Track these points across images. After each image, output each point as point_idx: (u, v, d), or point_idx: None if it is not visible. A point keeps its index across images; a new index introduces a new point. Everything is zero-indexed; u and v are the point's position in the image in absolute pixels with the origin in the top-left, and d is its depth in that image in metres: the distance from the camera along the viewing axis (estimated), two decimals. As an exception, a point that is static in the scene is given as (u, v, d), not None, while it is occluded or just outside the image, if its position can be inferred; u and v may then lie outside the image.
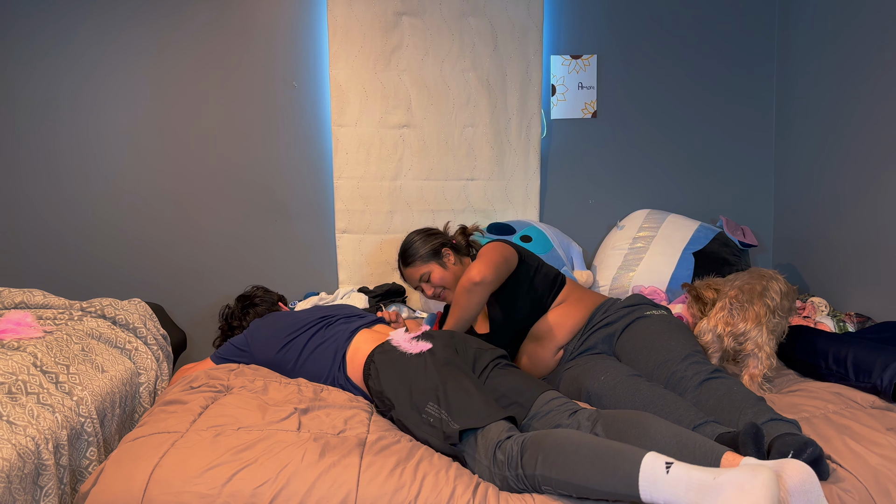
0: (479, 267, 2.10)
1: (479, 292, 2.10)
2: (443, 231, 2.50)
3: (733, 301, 2.10)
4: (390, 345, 1.95)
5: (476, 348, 1.98)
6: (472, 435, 1.62)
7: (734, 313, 2.08)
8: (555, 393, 1.82)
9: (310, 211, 3.15)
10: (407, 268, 2.42)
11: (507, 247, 2.22)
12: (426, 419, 1.71)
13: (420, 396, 1.75)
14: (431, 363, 1.81)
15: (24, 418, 1.69)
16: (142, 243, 3.12)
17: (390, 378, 1.86)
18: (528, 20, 3.06)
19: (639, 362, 2.01)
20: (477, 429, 1.62)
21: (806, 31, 2.98)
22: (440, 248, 2.39)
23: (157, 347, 2.43)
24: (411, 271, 2.41)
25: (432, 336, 1.95)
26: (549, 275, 2.27)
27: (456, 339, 1.99)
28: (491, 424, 1.61)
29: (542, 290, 2.24)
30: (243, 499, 1.50)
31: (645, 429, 1.57)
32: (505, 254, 2.18)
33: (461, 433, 1.63)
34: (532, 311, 2.23)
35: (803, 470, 1.37)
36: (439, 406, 1.69)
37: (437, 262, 2.38)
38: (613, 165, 3.24)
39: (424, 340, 1.92)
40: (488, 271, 2.10)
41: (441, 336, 1.96)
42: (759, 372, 2.05)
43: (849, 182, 2.71)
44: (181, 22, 3.03)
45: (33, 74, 3.02)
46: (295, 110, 3.10)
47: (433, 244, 2.40)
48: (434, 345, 1.89)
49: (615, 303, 2.24)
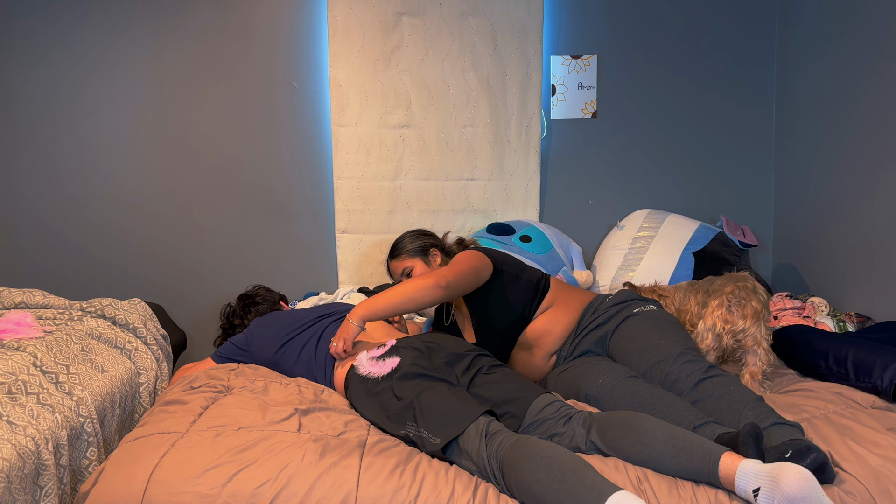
0: (446, 272, 2.03)
1: (434, 295, 1.99)
2: (439, 237, 2.50)
3: (731, 298, 2.09)
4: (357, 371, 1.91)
5: (452, 350, 1.92)
6: (455, 444, 1.61)
7: (733, 310, 2.07)
8: (548, 397, 1.78)
9: (310, 211, 3.15)
10: (392, 260, 2.40)
11: (482, 257, 2.15)
12: (408, 436, 1.70)
13: (397, 416, 1.72)
14: (401, 378, 1.77)
15: (24, 418, 1.69)
16: (142, 243, 3.12)
17: (365, 404, 1.84)
18: (528, 20, 3.06)
19: (632, 363, 1.98)
20: (458, 437, 1.60)
21: (806, 31, 2.98)
22: (429, 248, 2.38)
23: (157, 347, 2.43)
24: (396, 264, 2.39)
25: (398, 349, 1.90)
26: (531, 281, 2.20)
27: (429, 343, 1.93)
28: (469, 427, 1.60)
29: (524, 298, 2.17)
30: (243, 499, 1.50)
31: (640, 434, 1.56)
32: (476, 264, 2.11)
33: (444, 447, 1.62)
34: (515, 320, 2.17)
35: (801, 476, 1.35)
36: (416, 423, 1.67)
37: (423, 258, 2.36)
38: (613, 165, 3.24)
39: (391, 356, 1.86)
40: (454, 278, 2.02)
41: (409, 346, 1.91)
42: (758, 369, 2.05)
43: (849, 182, 2.71)
44: (181, 22, 3.03)
45: (33, 74, 3.02)
46: (295, 110, 3.10)
47: (423, 242, 2.39)
48: (402, 359, 1.84)
49: (604, 301, 2.19)
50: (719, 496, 1.48)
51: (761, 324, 2.07)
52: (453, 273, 2.04)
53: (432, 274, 2.02)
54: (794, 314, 2.64)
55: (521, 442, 1.53)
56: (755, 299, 2.09)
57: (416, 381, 1.76)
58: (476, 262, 2.12)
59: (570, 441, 1.66)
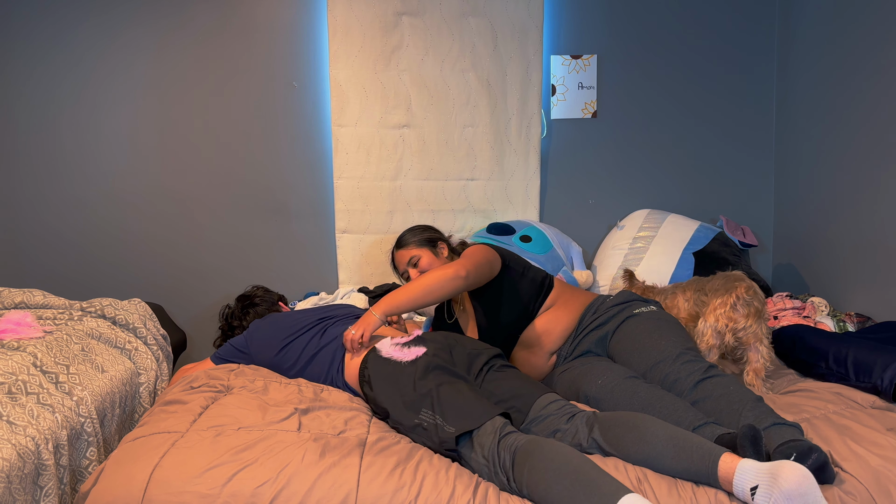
0: (465, 262, 2.06)
1: (455, 286, 2.02)
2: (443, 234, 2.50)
3: (741, 296, 2.09)
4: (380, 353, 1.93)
5: (471, 349, 1.96)
6: (467, 438, 1.62)
7: (738, 308, 2.08)
8: (552, 396, 1.81)
9: (310, 211, 3.15)
10: (399, 250, 2.38)
11: (492, 251, 2.18)
12: (421, 424, 1.70)
13: (414, 403, 1.74)
14: (424, 368, 1.80)
15: (24, 418, 1.69)
16: (142, 243, 3.12)
17: (383, 385, 1.85)
18: (528, 20, 3.06)
19: (632, 364, 1.99)
20: (472, 430, 1.61)
21: (806, 31, 2.98)
22: (436, 241, 2.38)
23: (157, 347, 2.43)
24: (402, 253, 2.36)
25: (425, 340, 1.93)
26: (535, 279, 2.22)
27: (450, 340, 1.97)
28: (486, 423, 1.61)
29: (529, 295, 2.19)
30: (243, 499, 1.51)
31: (642, 433, 1.57)
32: (489, 257, 2.14)
33: (457, 437, 1.62)
34: (519, 317, 2.19)
35: (799, 473, 1.36)
36: (433, 412, 1.68)
37: (431, 249, 2.35)
38: (613, 165, 3.24)
39: (417, 346, 1.90)
40: (473, 268, 2.05)
41: (435, 339, 1.95)
42: (761, 365, 2.06)
43: (849, 182, 2.71)
44: (181, 22, 3.03)
45: (33, 74, 3.02)
46: (295, 110, 3.10)
47: (430, 235, 2.39)
48: (427, 349, 1.88)
49: (604, 301, 2.20)
50: (719, 496, 1.48)
51: (762, 321, 2.09)
52: (472, 263, 2.07)
53: (451, 265, 2.04)
54: (794, 314, 2.64)
55: (535, 441, 1.54)
56: (757, 299, 2.11)
57: (437, 372, 1.78)
58: (489, 255, 2.16)
59: (573, 438, 1.67)
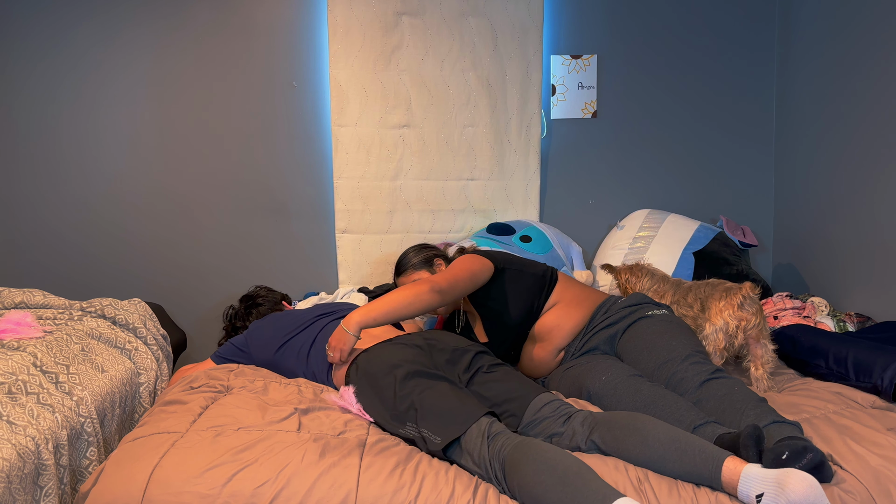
0: (440, 277, 2.05)
1: (428, 299, 1.98)
2: (440, 249, 2.53)
3: (748, 295, 2.11)
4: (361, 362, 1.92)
5: (454, 346, 1.93)
6: (457, 444, 1.61)
7: (747, 307, 2.10)
8: (547, 396, 1.78)
9: (310, 211, 3.15)
10: (399, 276, 2.45)
11: (479, 260, 2.17)
12: (408, 435, 1.70)
13: (398, 416, 1.73)
14: (403, 377, 1.77)
15: (24, 418, 1.69)
16: (142, 243, 3.12)
17: (368, 398, 1.84)
18: (528, 20, 3.06)
19: (640, 363, 2.00)
20: (460, 437, 1.60)
21: (806, 30, 2.98)
22: (433, 258, 2.43)
23: (157, 347, 2.43)
24: (403, 279, 2.44)
25: (403, 344, 1.91)
26: (536, 274, 2.23)
27: (428, 339, 1.94)
28: (471, 427, 1.60)
29: (532, 291, 2.20)
30: (243, 499, 1.51)
31: (644, 436, 1.56)
32: (472, 268, 2.13)
33: (445, 448, 1.62)
34: (525, 314, 2.20)
35: (807, 482, 1.35)
36: (417, 425, 1.67)
37: (428, 269, 2.41)
38: (613, 165, 3.24)
39: (347, 392, 1.87)
40: (446, 283, 2.03)
41: (410, 343, 1.91)
42: (768, 358, 2.09)
43: (849, 182, 2.71)
44: (181, 22, 3.03)
45: (33, 74, 3.01)
46: (295, 110, 3.10)
47: (426, 254, 2.44)
48: (404, 356, 1.84)
49: (616, 302, 2.22)
50: (720, 497, 1.48)
51: (763, 318, 2.13)
52: (445, 278, 2.06)
53: (426, 280, 2.04)
54: (794, 314, 2.64)
55: (524, 444, 1.52)
56: (757, 297, 2.16)
57: (416, 379, 1.76)
58: (471, 265, 2.14)
59: (570, 441, 1.66)
